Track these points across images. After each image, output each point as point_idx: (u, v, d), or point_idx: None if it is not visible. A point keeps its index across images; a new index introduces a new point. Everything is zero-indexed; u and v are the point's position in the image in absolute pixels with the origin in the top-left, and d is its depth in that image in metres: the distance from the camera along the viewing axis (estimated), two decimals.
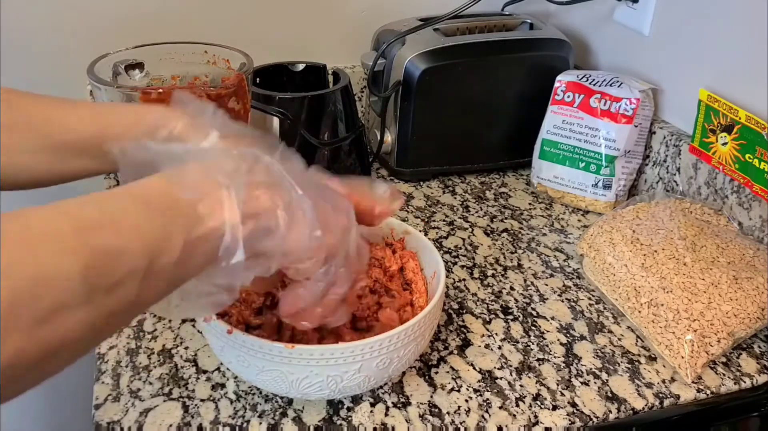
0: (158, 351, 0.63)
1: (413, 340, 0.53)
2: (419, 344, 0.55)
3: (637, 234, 0.72)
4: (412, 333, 0.53)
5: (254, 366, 0.52)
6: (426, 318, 0.53)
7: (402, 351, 0.53)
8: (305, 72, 0.89)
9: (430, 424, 0.56)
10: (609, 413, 0.58)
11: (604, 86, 0.87)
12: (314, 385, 0.52)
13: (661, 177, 0.88)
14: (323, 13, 1.01)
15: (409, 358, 0.55)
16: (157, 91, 0.61)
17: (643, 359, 0.64)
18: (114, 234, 0.33)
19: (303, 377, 0.51)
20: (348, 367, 0.51)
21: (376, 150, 0.94)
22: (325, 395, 0.54)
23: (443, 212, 0.89)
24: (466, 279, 0.75)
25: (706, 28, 0.81)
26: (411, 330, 0.52)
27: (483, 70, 0.91)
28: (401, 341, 0.52)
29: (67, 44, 0.89)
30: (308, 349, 0.50)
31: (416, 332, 0.53)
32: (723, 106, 0.76)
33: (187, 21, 0.94)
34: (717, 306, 0.63)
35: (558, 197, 0.92)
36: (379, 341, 0.51)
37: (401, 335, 0.52)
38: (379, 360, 0.52)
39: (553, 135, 0.90)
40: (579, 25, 1.05)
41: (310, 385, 0.52)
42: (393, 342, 0.52)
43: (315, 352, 0.50)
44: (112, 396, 0.58)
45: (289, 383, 0.52)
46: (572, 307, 0.71)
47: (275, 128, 0.78)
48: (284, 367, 0.51)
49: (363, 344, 0.50)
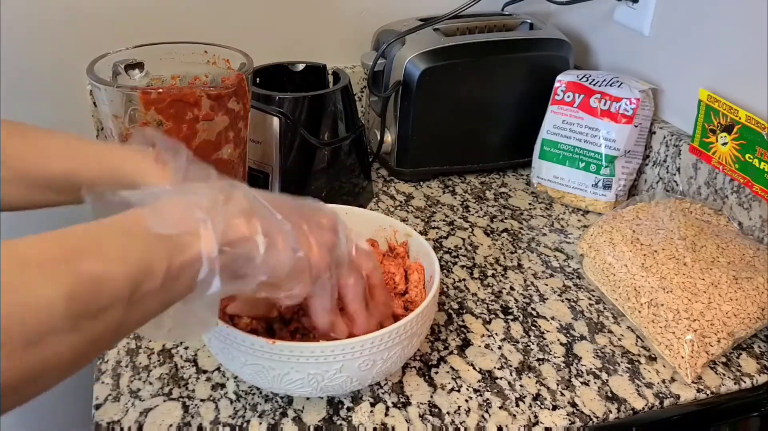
0: (158, 351, 0.63)
1: (398, 344, 0.53)
2: (406, 348, 0.54)
3: (637, 234, 0.72)
4: (396, 336, 0.52)
5: (238, 360, 0.52)
6: (411, 323, 0.53)
7: (386, 354, 0.52)
8: (305, 72, 0.89)
9: (430, 424, 0.56)
10: (609, 413, 0.58)
11: (604, 86, 0.87)
12: (296, 382, 0.52)
13: (661, 177, 0.88)
14: (323, 13, 1.01)
15: (395, 361, 0.54)
16: (157, 91, 0.61)
17: (643, 359, 0.64)
18: (99, 262, 0.34)
19: (284, 373, 0.51)
20: (329, 366, 0.51)
21: (376, 150, 0.94)
22: (307, 392, 0.54)
23: (443, 212, 0.89)
24: (466, 279, 0.75)
25: (706, 28, 0.81)
26: (395, 333, 0.52)
27: (483, 70, 0.91)
28: (384, 344, 0.52)
29: (67, 44, 0.89)
30: (288, 346, 0.50)
31: (401, 336, 0.52)
32: (723, 106, 0.76)
33: (187, 21, 0.94)
34: (717, 306, 0.63)
35: (558, 197, 0.92)
36: (360, 342, 0.50)
37: (384, 337, 0.51)
38: (362, 361, 0.51)
39: (553, 135, 0.90)
40: (579, 25, 1.05)
41: (292, 382, 0.52)
42: (375, 344, 0.51)
43: (295, 349, 0.50)
44: (112, 396, 0.58)
45: (271, 378, 0.52)
46: (572, 307, 0.71)
47: (275, 128, 0.78)
48: (266, 362, 0.51)
49: (343, 344, 0.50)
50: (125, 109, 0.62)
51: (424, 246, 0.63)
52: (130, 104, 0.61)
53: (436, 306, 0.59)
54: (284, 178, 0.81)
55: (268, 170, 0.81)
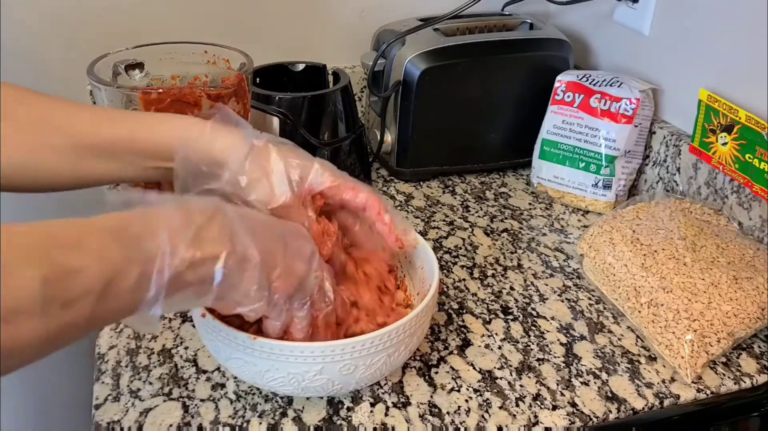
0: (158, 351, 0.63)
1: (382, 350, 0.52)
2: (392, 356, 0.53)
3: (637, 234, 0.72)
4: (380, 343, 0.51)
5: (223, 352, 0.53)
6: (395, 331, 0.52)
7: (369, 360, 0.52)
8: (305, 72, 0.89)
9: (430, 424, 0.56)
10: (609, 413, 0.58)
11: (604, 86, 0.87)
12: (277, 380, 0.52)
13: (661, 177, 0.89)
14: (323, 13, 1.01)
15: (379, 367, 0.53)
16: (157, 91, 0.61)
17: (643, 359, 0.64)
18: (75, 254, 0.35)
19: (266, 370, 0.51)
20: (309, 367, 0.51)
21: (376, 150, 0.94)
22: (289, 391, 0.54)
23: (443, 212, 0.89)
24: (466, 279, 0.75)
25: (706, 28, 0.81)
26: (379, 340, 0.51)
27: (483, 70, 0.91)
28: (366, 349, 0.51)
29: (67, 44, 0.89)
30: (269, 343, 0.50)
31: (385, 343, 0.52)
32: (723, 106, 0.76)
33: (187, 21, 0.94)
34: (717, 306, 0.63)
35: (558, 197, 0.92)
36: (341, 346, 0.50)
37: (366, 343, 0.51)
38: (342, 365, 0.51)
39: (553, 135, 0.90)
40: (579, 25, 1.05)
41: (273, 379, 0.52)
42: (357, 349, 0.51)
43: (275, 347, 0.50)
44: (112, 396, 0.58)
45: (254, 373, 0.52)
46: (572, 307, 0.71)
47: (275, 128, 0.78)
48: (248, 357, 0.51)
49: (323, 346, 0.50)
50: (125, 109, 0.62)
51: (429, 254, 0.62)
52: (130, 104, 0.61)
53: (431, 312, 0.57)
54: None
55: None
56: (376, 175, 0.97)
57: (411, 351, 0.56)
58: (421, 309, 0.54)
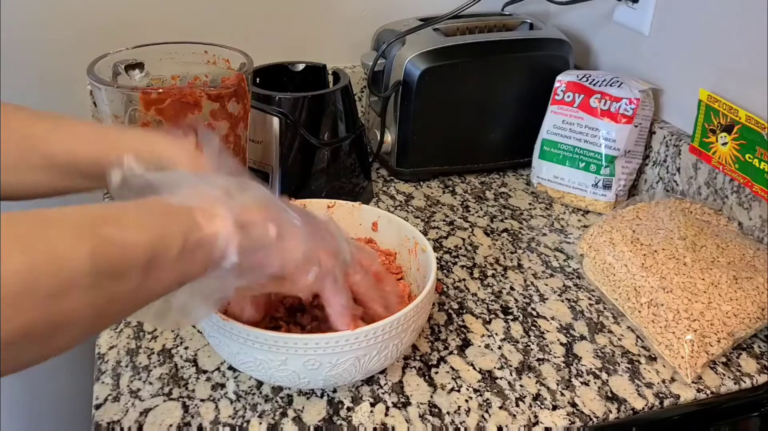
0: (158, 351, 0.63)
1: (349, 352, 0.51)
2: (361, 360, 0.52)
3: (637, 234, 0.72)
4: (346, 344, 0.51)
5: (206, 330, 0.55)
6: (365, 334, 0.51)
7: (335, 359, 0.51)
8: (305, 72, 0.89)
9: (430, 424, 0.56)
10: (609, 413, 0.58)
11: (604, 86, 0.87)
12: (246, 363, 0.53)
13: (661, 177, 0.89)
14: (323, 13, 1.01)
15: (347, 368, 0.52)
16: (157, 91, 0.61)
17: (643, 359, 0.64)
18: (120, 228, 0.36)
19: (235, 352, 0.52)
20: (273, 356, 0.51)
21: (376, 150, 0.94)
22: (258, 376, 0.55)
23: (443, 212, 0.89)
24: (466, 279, 0.75)
25: (706, 28, 0.81)
26: (345, 340, 0.50)
27: (483, 70, 0.91)
28: (331, 348, 0.50)
29: (67, 44, 0.89)
30: (237, 326, 0.51)
31: (352, 345, 0.51)
32: (723, 106, 0.76)
33: (187, 21, 0.94)
34: (717, 306, 0.63)
35: (558, 197, 0.92)
36: (304, 340, 0.50)
37: (331, 342, 0.50)
38: (306, 359, 0.51)
39: (553, 135, 0.90)
40: (579, 25, 1.05)
41: (244, 362, 0.53)
42: (321, 346, 0.50)
43: (242, 331, 0.51)
44: (112, 396, 0.58)
45: (227, 354, 0.54)
46: (572, 307, 0.71)
47: (275, 128, 0.78)
48: (221, 337, 0.52)
49: (287, 338, 0.50)
50: (125, 109, 0.62)
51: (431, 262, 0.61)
52: (130, 104, 0.61)
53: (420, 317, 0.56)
54: (284, 178, 0.81)
55: (268, 170, 0.81)
56: (376, 175, 0.97)
57: (390, 358, 0.55)
58: (388, 322, 0.52)
